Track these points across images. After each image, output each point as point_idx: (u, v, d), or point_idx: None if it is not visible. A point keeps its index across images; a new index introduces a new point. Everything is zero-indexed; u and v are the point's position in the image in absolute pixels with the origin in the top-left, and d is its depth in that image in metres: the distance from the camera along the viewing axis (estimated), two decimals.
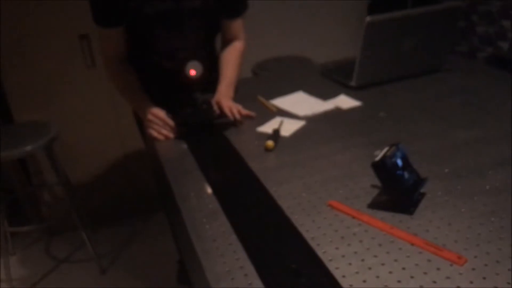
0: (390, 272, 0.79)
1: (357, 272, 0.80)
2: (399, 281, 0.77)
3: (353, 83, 1.61)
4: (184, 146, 1.31)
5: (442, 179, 1.05)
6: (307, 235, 0.90)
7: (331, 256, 0.84)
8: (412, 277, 0.78)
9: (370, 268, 0.80)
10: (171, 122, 1.36)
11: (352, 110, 1.47)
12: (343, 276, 0.79)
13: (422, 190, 0.99)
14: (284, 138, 1.31)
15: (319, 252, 0.85)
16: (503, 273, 0.77)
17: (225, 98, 1.40)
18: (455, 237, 0.86)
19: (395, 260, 0.82)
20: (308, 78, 1.81)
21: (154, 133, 1.36)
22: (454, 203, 0.97)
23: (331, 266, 0.81)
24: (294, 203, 1.00)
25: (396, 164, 0.95)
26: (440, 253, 0.82)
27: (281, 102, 1.55)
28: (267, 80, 1.93)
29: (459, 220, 0.91)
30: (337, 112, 1.47)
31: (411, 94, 1.56)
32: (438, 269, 0.79)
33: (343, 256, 0.84)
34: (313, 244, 0.87)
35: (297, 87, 1.66)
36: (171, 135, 1.36)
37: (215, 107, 1.38)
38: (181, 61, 1.35)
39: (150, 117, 1.37)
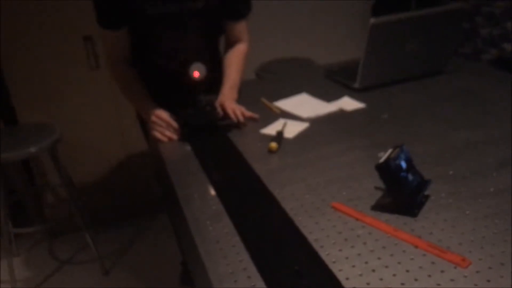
0: (394, 275, 0.79)
1: (360, 275, 0.79)
2: (403, 284, 0.77)
3: (356, 85, 1.61)
4: (188, 147, 1.31)
5: (446, 181, 1.05)
6: (310, 237, 0.90)
7: (334, 258, 0.84)
8: (416, 279, 0.78)
9: (373, 271, 0.80)
10: (174, 124, 1.36)
11: (355, 112, 1.47)
12: (347, 279, 0.79)
13: (426, 192, 0.99)
14: (288, 140, 1.31)
15: (323, 254, 0.85)
16: (507, 275, 0.77)
17: (228, 100, 1.41)
18: (459, 240, 0.86)
19: (399, 263, 0.82)
20: (311, 80, 1.81)
21: (158, 135, 1.36)
22: (458, 205, 0.96)
23: (334, 268, 0.81)
24: (298, 205, 1.00)
25: (400, 166, 0.95)
26: (444, 256, 0.82)
27: (285, 104, 1.55)
28: (270, 82, 1.93)
29: (463, 222, 0.91)
30: (341, 114, 1.47)
31: (414, 96, 1.56)
32: (442, 271, 0.79)
33: (346, 258, 0.84)
34: (316, 246, 0.87)
35: (300, 89, 1.66)
36: (174, 136, 1.36)
37: (219, 109, 1.38)
38: (183, 63, 1.35)
39: (153, 118, 1.37)
